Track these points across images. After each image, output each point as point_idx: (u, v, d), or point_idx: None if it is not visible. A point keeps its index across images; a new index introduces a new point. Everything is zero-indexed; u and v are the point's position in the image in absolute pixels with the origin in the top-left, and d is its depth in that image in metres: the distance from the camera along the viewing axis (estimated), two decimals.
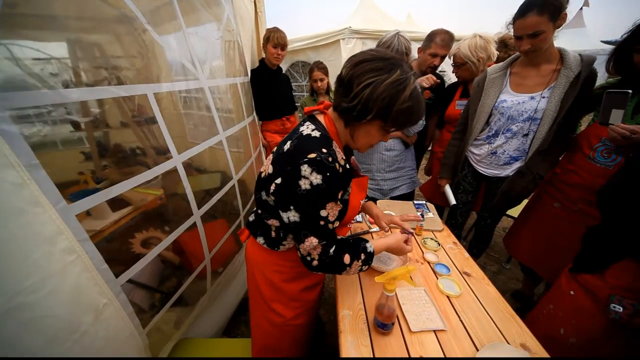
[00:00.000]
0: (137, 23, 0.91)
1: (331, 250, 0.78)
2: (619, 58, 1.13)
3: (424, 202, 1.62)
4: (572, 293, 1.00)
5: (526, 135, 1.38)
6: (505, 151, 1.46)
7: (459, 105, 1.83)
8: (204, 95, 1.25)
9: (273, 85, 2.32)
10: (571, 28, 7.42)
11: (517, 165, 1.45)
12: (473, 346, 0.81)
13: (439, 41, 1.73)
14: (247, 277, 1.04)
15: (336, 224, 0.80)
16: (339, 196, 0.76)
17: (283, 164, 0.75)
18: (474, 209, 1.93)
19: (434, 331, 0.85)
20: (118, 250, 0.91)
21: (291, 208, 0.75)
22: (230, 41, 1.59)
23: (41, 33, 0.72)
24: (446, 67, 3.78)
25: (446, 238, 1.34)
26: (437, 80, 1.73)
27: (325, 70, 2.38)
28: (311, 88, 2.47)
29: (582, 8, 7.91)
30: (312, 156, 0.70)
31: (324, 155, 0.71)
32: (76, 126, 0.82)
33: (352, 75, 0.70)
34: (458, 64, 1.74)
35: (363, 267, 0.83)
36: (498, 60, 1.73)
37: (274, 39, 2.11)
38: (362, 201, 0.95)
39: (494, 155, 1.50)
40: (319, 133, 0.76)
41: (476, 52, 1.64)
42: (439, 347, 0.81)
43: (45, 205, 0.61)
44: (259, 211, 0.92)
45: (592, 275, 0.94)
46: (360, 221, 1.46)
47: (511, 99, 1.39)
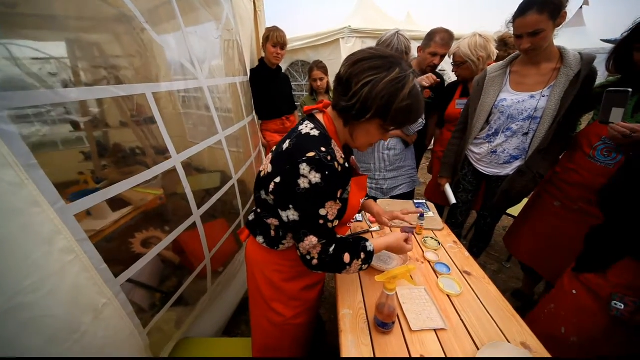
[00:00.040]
0: (136, 22, 0.90)
1: (331, 249, 0.78)
2: (619, 57, 1.13)
3: (424, 201, 1.62)
4: (575, 292, 1.00)
5: (526, 134, 1.38)
6: (505, 150, 1.46)
7: (459, 104, 1.82)
8: (203, 94, 1.25)
9: (272, 84, 2.31)
10: (571, 27, 7.41)
11: (517, 164, 1.45)
12: (474, 345, 0.81)
13: (439, 40, 1.72)
14: (247, 277, 1.04)
15: (336, 223, 0.80)
16: (338, 195, 0.76)
17: (282, 163, 0.75)
18: (474, 208, 1.93)
19: (435, 330, 0.85)
20: (117, 250, 0.91)
21: (290, 207, 0.75)
22: (229, 40, 1.58)
23: (40, 33, 0.72)
24: (446, 66, 3.78)
25: (446, 237, 1.34)
26: (437, 79, 1.73)
27: (324, 69, 2.38)
28: (311, 87, 2.46)
29: (582, 7, 7.90)
30: (311, 155, 0.69)
31: (323, 154, 0.70)
32: (75, 126, 0.82)
33: (351, 73, 0.70)
34: (458, 63, 1.74)
35: (363, 266, 0.83)
36: (498, 59, 1.73)
37: (274, 38, 2.10)
38: (362, 200, 0.95)
39: (494, 154, 1.50)
40: (318, 132, 0.76)
41: (476, 51, 1.64)
42: (440, 346, 0.81)
43: (43, 205, 0.61)
44: (259, 210, 0.92)
45: (594, 274, 0.94)
46: (360, 220, 1.46)
47: (511, 98, 1.39)
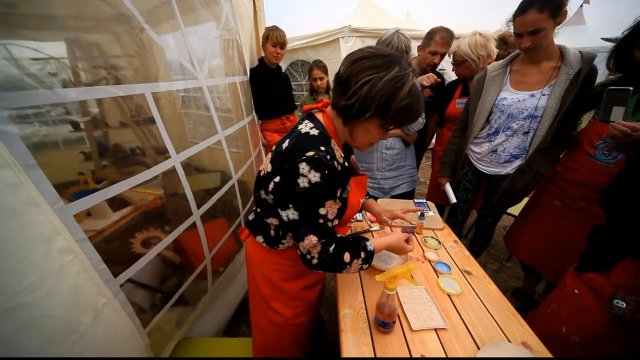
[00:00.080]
0: (135, 22, 0.90)
1: (331, 248, 0.78)
2: (620, 55, 1.13)
3: (424, 201, 1.62)
4: (577, 292, 1.00)
5: (526, 133, 1.38)
6: (505, 149, 1.46)
7: (459, 103, 1.82)
8: (203, 94, 1.25)
9: (272, 84, 2.31)
10: (571, 25, 7.40)
11: (518, 163, 1.45)
12: (474, 344, 0.81)
13: (439, 39, 1.72)
14: (247, 276, 1.04)
15: (335, 222, 0.80)
16: (338, 194, 0.76)
17: (281, 162, 0.75)
18: (475, 208, 1.92)
19: (435, 330, 0.85)
20: (117, 250, 0.91)
21: (290, 206, 0.74)
22: (229, 40, 1.58)
23: (39, 33, 0.72)
24: (446, 66, 3.77)
25: (447, 236, 1.34)
26: (438, 79, 1.73)
27: (324, 69, 2.37)
28: (311, 87, 2.46)
29: (583, 5, 7.89)
30: (311, 154, 0.69)
31: (322, 153, 0.70)
32: (75, 126, 0.82)
33: (350, 72, 0.70)
34: (458, 62, 1.73)
35: (363, 266, 0.83)
36: (498, 57, 1.72)
37: (273, 38, 2.10)
38: (362, 200, 0.95)
39: (495, 153, 1.50)
40: (318, 131, 0.76)
41: (476, 50, 1.63)
42: (440, 346, 0.81)
43: (42, 205, 0.61)
44: (258, 210, 0.92)
45: (597, 274, 0.94)
46: (360, 220, 1.46)
47: (511, 97, 1.39)
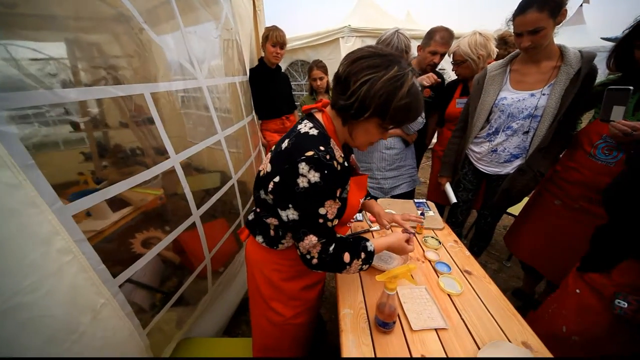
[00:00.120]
0: (134, 22, 0.90)
1: (331, 248, 0.78)
2: (620, 54, 1.13)
3: (424, 201, 1.61)
4: (578, 291, 1.00)
5: (526, 132, 1.38)
6: (505, 149, 1.46)
7: (459, 103, 1.82)
8: (203, 94, 1.25)
9: (272, 84, 2.31)
10: (571, 25, 7.40)
11: (518, 162, 1.45)
12: (474, 344, 0.81)
13: (439, 39, 1.72)
14: (247, 276, 1.03)
15: (335, 222, 0.79)
16: (338, 194, 0.76)
17: (281, 162, 0.75)
18: (475, 207, 1.92)
19: (435, 330, 0.85)
20: (117, 250, 0.91)
21: (290, 206, 0.74)
22: (228, 40, 1.58)
23: (38, 33, 0.72)
24: (446, 65, 3.77)
25: (447, 236, 1.34)
26: (438, 79, 1.72)
27: (324, 69, 2.37)
28: (310, 87, 2.46)
29: (582, 5, 7.88)
30: (310, 154, 0.69)
31: (322, 153, 0.70)
32: (75, 126, 0.81)
33: (349, 72, 0.69)
34: (458, 62, 1.73)
35: (363, 266, 0.83)
36: (498, 57, 1.72)
37: (273, 38, 2.10)
38: (362, 200, 0.95)
39: (495, 153, 1.50)
40: (317, 131, 0.76)
41: (476, 50, 1.63)
42: (441, 346, 0.81)
43: (41, 205, 0.61)
44: (258, 210, 0.92)
45: (599, 274, 0.94)
46: (360, 220, 1.46)
47: (511, 97, 1.39)
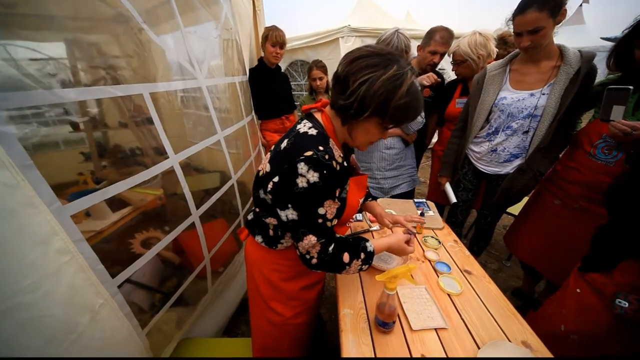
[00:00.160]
0: (133, 22, 0.90)
1: (330, 248, 0.78)
2: (620, 54, 1.13)
3: (424, 200, 1.61)
4: (579, 291, 1.00)
5: (526, 132, 1.38)
6: (505, 148, 1.46)
7: (459, 103, 1.81)
8: (202, 94, 1.25)
9: (272, 84, 2.31)
10: (571, 25, 7.40)
11: (518, 162, 1.45)
12: (474, 344, 0.81)
13: (439, 38, 1.72)
14: (247, 276, 1.03)
15: (335, 222, 0.79)
16: (337, 194, 0.76)
17: (280, 162, 0.75)
18: (474, 207, 1.92)
19: (435, 329, 0.85)
20: (116, 250, 0.90)
21: (289, 206, 0.74)
22: (228, 40, 1.58)
23: (37, 33, 0.72)
24: (445, 65, 3.77)
25: (447, 236, 1.34)
26: (438, 79, 1.72)
27: (324, 68, 2.37)
28: (310, 87, 2.46)
29: (582, 4, 7.89)
30: (309, 154, 0.69)
31: (321, 152, 0.70)
32: (74, 126, 0.81)
33: (348, 72, 0.69)
34: (458, 62, 1.73)
35: (363, 267, 0.83)
36: (497, 57, 1.72)
37: (273, 38, 2.10)
38: (361, 200, 0.95)
39: (494, 152, 1.49)
40: (316, 131, 0.76)
41: (476, 50, 1.63)
42: (440, 346, 0.81)
43: (39, 206, 0.61)
44: (257, 210, 0.91)
45: (600, 274, 0.94)
46: (360, 220, 1.46)
47: (511, 96, 1.39)
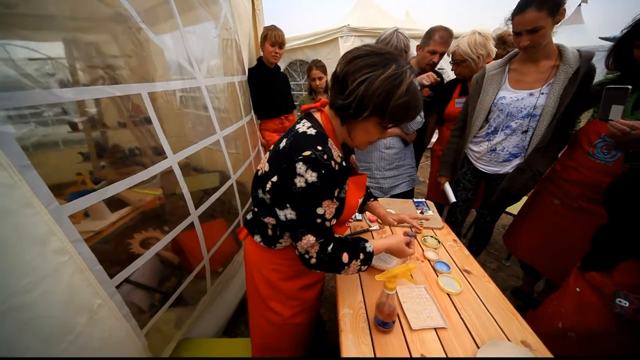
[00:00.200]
0: (132, 22, 0.90)
1: (329, 248, 0.77)
2: (619, 54, 1.13)
3: (424, 200, 1.61)
4: (578, 290, 1.00)
5: (525, 131, 1.38)
6: (504, 148, 1.46)
7: (458, 103, 1.81)
8: (201, 94, 1.24)
9: (271, 84, 2.30)
10: (569, 24, 7.42)
11: (517, 162, 1.45)
12: (474, 344, 0.81)
13: (438, 38, 1.72)
14: (246, 276, 1.03)
15: (333, 222, 0.79)
16: (336, 194, 0.75)
17: (279, 162, 0.75)
18: (474, 207, 1.92)
19: (435, 329, 0.85)
20: (115, 250, 0.90)
21: (287, 206, 0.74)
22: (227, 39, 1.57)
23: (36, 33, 0.71)
24: (445, 65, 3.77)
25: (446, 236, 1.34)
26: (438, 78, 1.72)
27: (323, 68, 2.36)
28: (309, 87, 2.45)
29: (581, 4, 7.90)
30: (307, 154, 0.69)
31: (319, 152, 0.70)
32: (73, 126, 0.81)
33: (347, 72, 0.69)
34: (458, 62, 1.73)
35: (362, 267, 0.82)
36: (497, 57, 1.72)
37: (272, 37, 2.09)
38: (360, 200, 0.95)
39: (494, 152, 1.50)
40: (315, 131, 0.76)
41: (476, 49, 1.63)
42: (440, 345, 0.81)
43: (36, 206, 0.61)
44: (256, 209, 0.91)
45: (600, 273, 0.94)
46: (360, 219, 1.46)
47: (510, 96, 1.39)
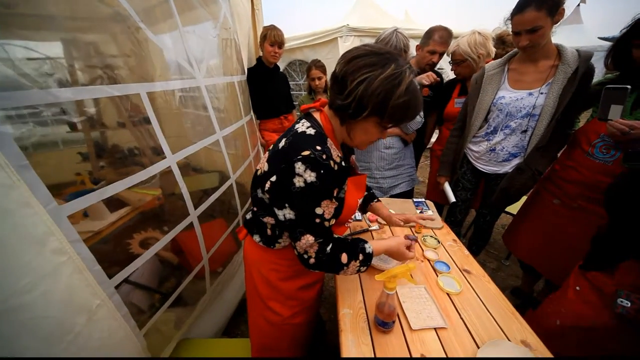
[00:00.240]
0: (131, 21, 0.89)
1: (328, 248, 0.77)
2: (618, 53, 1.13)
3: (423, 200, 1.61)
4: (578, 289, 1.00)
5: (525, 131, 1.38)
6: (504, 148, 1.46)
7: (458, 103, 1.82)
8: (201, 94, 1.24)
9: (270, 83, 2.30)
10: (568, 24, 7.43)
11: (516, 161, 1.45)
12: (474, 343, 0.81)
13: (437, 38, 1.72)
14: (245, 276, 1.03)
15: (332, 222, 0.79)
16: (335, 194, 0.75)
17: (278, 162, 0.74)
18: (473, 206, 1.92)
19: (435, 329, 0.85)
20: (114, 251, 0.90)
21: (286, 206, 0.74)
22: (227, 39, 1.57)
23: (34, 32, 0.71)
24: (444, 65, 3.77)
25: (446, 235, 1.34)
26: (437, 78, 1.72)
27: (323, 68, 2.36)
28: (309, 87, 2.45)
29: (580, 4, 7.92)
30: (306, 154, 0.69)
31: (318, 152, 0.69)
32: (71, 126, 0.81)
33: (346, 71, 0.69)
34: (458, 61, 1.73)
35: (361, 268, 0.82)
36: (496, 57, 1.72)
37: (271, 37, 2.09)
38: (360, 200, 0.95)
39: (493, 152, 1.50)
40: (314, 130, 0.75)
41: (476, 49, 1.63)
42: (440, 345, 0.81)
43: (35, 206, 0.60)
44: (255, 209, 0.91)
45: (601, 273, 0.94)
46: (359, 219, 1.46)
47: (509, 96, 1.39)
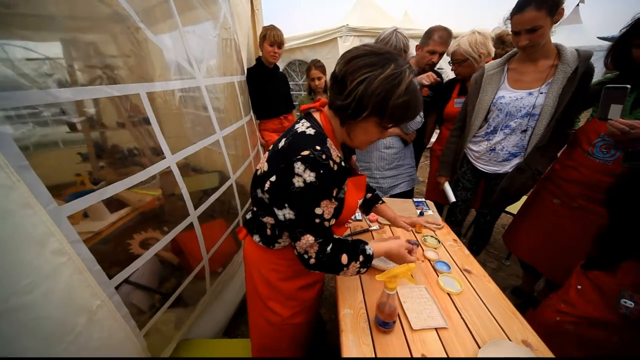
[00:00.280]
0: (130, 21, 0.89)
1: (328, 248, 0.77)
2: (618, 53, 1.13)
3: (424, 200, 1.61)
4: (579, 287, 1.00)
5: (524, 131, 1.38)
6: (504, 147, 1.46)
7: (457, 103, 1.82)
8: (201, 94, 1.24)
9: (270, 84, 2.30)
10: (568, 24, 7.43)
11: (516, 161, 1.45)
12: (475, 343, 0.81)
13: (437, 38, 1.72)
14: (245, 276, 1.03)
15: (332, 222, 0.79)
16: (334, 194, 0.75)
17: (277, 162, 0.74)
18: (473, 206, 1.92)
19: (436, 329, 0.85)
20: (114, 251, 0.90)
21: (286, 206, 0.74)
22: (227, 39, 1.57)
23: (34, 32, 0.71)
24: (444, 65, 3.77)
25: (446, 235, 1.34)
26: (437, 78, 1.72)
27: (322, 68, 2.36)
28: (309, 87, 2.45)
29: (579, 4, 7.92)
30: (306, 154, 0.68)
31: (318, 152, 0.69)
32: (71, 126, 0.81)
33: (346, 72, 0.68)
34: (458, 61, 1.72)
35: (361, 270, 0.82)
36: (496, 57, 1.72)
37: (271, 37, 2.09)
38: (360, 200, 0.94)
39: (493, 151, 1.50)
40: (314, 130, 0.75)
41: (477, 48, 1.63)
42: (441, 345, 0.81)
43: (35, 206, 0.60)
44: (255, 209, 0.91)
45: (603, 272, 0.94)
46: (360, 219, 1.46)
47: (509, 95, 1.39)
